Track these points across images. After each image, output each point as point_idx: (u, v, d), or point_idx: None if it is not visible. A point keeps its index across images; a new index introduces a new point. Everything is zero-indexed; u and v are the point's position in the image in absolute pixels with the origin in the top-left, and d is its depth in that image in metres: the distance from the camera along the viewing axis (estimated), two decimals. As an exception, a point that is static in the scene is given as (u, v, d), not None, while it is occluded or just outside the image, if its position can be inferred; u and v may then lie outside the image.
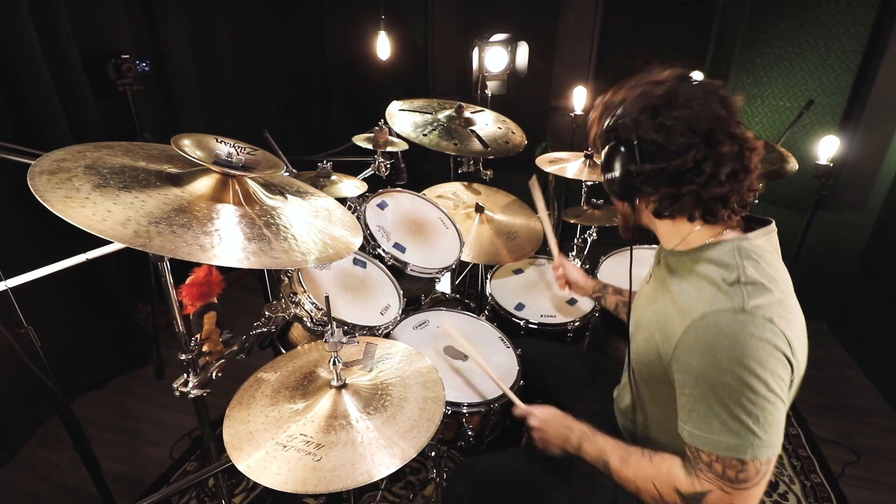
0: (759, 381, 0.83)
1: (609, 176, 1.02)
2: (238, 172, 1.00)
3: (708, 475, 0.89)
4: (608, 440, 1.09)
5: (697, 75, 1.01)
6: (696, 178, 0.92)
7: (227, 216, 0.95)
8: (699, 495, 0.90)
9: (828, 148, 2.12)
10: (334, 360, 1.04)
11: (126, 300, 2.57)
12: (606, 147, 1.02)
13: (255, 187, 1.06)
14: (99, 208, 0.80)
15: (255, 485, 1.92)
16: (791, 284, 0.96)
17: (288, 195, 1.15)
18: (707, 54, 3.19)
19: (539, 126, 3.54)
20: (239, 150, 1.06)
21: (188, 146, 0.99)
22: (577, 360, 1.57)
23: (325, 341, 1.00)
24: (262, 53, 3.35)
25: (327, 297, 0.99)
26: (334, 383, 1.07)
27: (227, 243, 0.88)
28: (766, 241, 0.97)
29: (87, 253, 1.03)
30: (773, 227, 1.00)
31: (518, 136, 2.18)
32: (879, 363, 2.53)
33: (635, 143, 0.94)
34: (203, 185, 0.99)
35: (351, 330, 1.19)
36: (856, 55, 2.57)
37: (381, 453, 0.94)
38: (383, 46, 2.52)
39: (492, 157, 2.06)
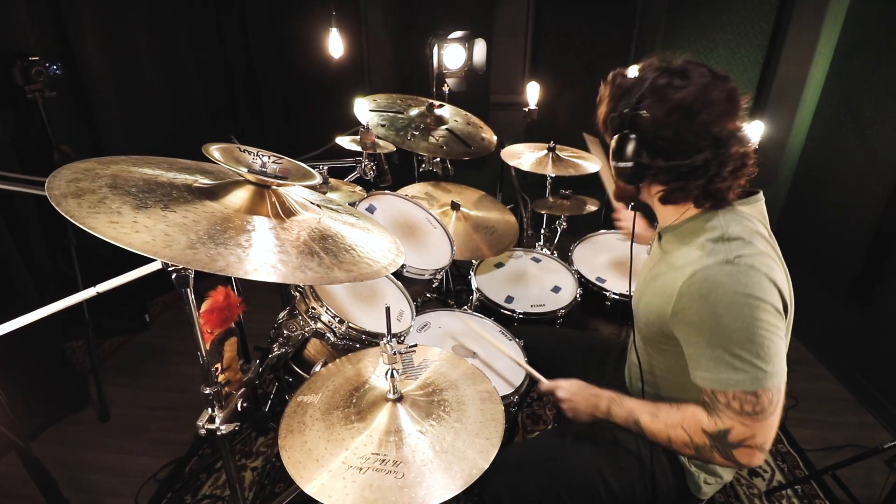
0: (753, 317, 0.92)
1: (619, 164, 1.05)
2: (275, 182, 0.92)
3: (728, 413, 0.97)
4: (635, 401, 1.15)
5: (632, 71, 1.04)
6: (703, 175, 0.99)
7: (264, 230, 0.87)
8: (723, 432, 0.98)
9: (755, 131, 2.38)
10: (392, 373, 1.00)
11: (56, 336, 2.25)
12: (618, 134, 1.03)
13: (291, 199, 0.98)
14: (155, 232, 0.70)
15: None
16: (777, 246, 1.05)
17: (319, 206, 1.07)
18: (631, 50, 3.43)
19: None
20: (267, 159, 0.97)
21: (217, 151, 0.90)
22: (575, 340, 1.64)
23: (393, 353, 0.95)
24: (184, 51, 3.04)
25: (388, 308, 0.94)
26: (391, 396, 1.02)
27: (292, 261, 0.81)
28: (752, 209, 1.07)
29: (98, 286, 0.89)
30: (759, 196, 1.09)
31: (489, 135, 2.20)
32: (799, 317, 2.88)
33: (649, 137, 0.99)
34: (238, 197, 0.90)
35: (407, 342, 1.14)
36: (761, 48, 2.91)
37: (461, 459, 0.92)
38: (335, 44, 2.40)
39: (470, 157, 2.06)
